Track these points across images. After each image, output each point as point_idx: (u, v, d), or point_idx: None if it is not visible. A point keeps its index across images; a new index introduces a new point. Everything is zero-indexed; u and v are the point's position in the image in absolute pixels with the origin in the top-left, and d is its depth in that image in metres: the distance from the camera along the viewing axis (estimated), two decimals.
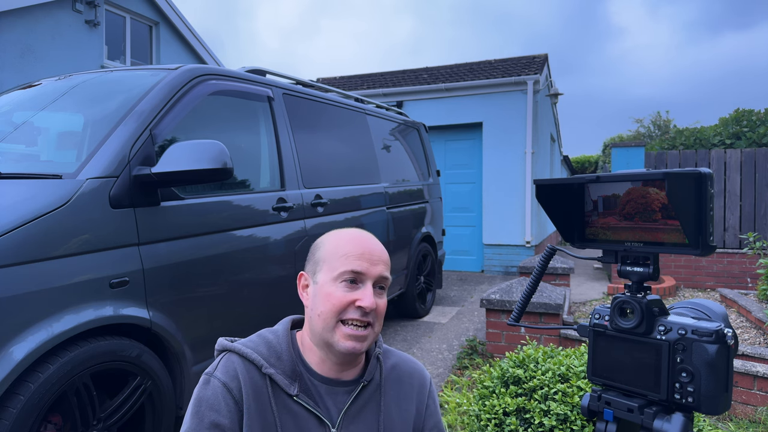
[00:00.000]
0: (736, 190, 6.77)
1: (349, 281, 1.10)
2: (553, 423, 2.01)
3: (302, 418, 1.10)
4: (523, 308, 1.21)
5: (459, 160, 8.63)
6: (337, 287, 1.10)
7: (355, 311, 1.08)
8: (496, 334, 3.82)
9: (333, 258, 1.12)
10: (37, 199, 1.86)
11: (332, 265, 1.12)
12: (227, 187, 2.66)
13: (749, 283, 6.40)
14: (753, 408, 2.90)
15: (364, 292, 1.10)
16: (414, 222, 4.97)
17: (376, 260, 1.12)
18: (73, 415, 1.85)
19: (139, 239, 2.13)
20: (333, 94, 4.29)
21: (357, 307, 1.08)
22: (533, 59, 9.08)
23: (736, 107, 10.36)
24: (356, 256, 1.11)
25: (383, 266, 1.14)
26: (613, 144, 7.43)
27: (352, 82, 10.13)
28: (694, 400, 0.93)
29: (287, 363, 1.13)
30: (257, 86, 3.09)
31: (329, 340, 1.10)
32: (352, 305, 1.08)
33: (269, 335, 1.17)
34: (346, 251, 1.12)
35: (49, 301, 1.79)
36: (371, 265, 1.11)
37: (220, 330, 2.52)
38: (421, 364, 1.31)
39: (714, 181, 0.94)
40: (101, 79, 2.72)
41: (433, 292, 5.59)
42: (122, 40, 9.57)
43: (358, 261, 1.10)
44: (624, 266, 1.06)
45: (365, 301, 1.08)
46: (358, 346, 1.09)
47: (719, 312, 1.05)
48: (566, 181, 1.07)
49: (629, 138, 25.53)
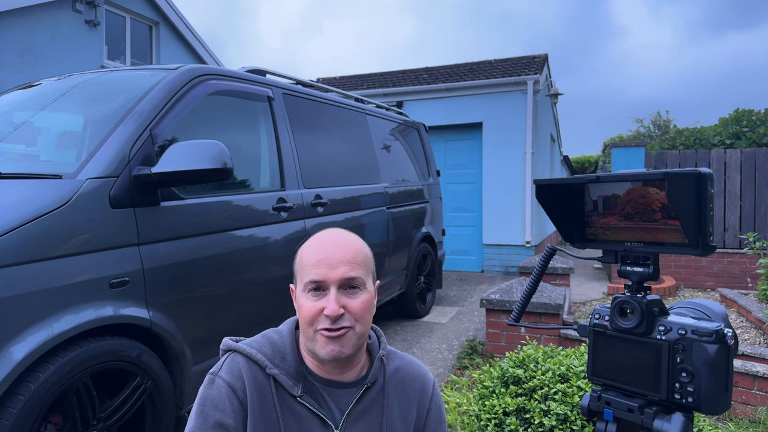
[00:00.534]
0: (736, 190, 6.77)
1: (313, 290, 1.09)
2: (553, 423, 2.01)
3: (305, 419, 1.11)
4: (523, 308, 1.21)
5: (459, 160, 8.63)
6: (306, 298, 1.10)
7: (325, 320, 1.07)
8: (496, 334, 3.82)
9: (300, 270, 1.13)
10: (37, 199, 1.86)
11: (300, 277, 1.13)
12: (227, 187, 2.66)
13: (749, 283, 6.40)
14: (753, 408, 2.90)
15: (327, 299, 1.08)
16: (414, 222, 4.97)
17: (336, 263, 1.10)
18: (73, 415, 1.85)
19: (139, 239, 2.13)
20: (333, 94, 4.29)
21: (325, 315, 1.07)
22: (533, 59, 9.08)
23: (736, 107, 10.36)
24: (314, 264, 1.10)
25: (345, 267, 1.10)
26: (613, 144, 7.43)
27: (352, 82, 10.13)
28: (694, 400, 0.93)
29: (291, 364, 1.13)
30: (257, 86, 3.09)
31: (313, 349, 1.10)
32: (321, 314, 1.08)
33: (274, 336, 1.18)
34: (307, 260, 1.11)
35: (49, 301, 1.79)
36: (330, 270, 1.09)
37: (220, 330, 2.52)
38: (425, 367, 1.30)
39: (714, 181, 0.94)
40: (101, 79, 2.72)
41: (433, 292, 5.59)
42: (122, 40, 9.57)
43: (316, 269, 1.09)
44: (624, 266, 1.06)
45: (328, 308, 1.07)
46: (337, 349, 1.07)
47: (719, 312, 1.05)
48: (566, 181, 1.07)
49: (629, 138, 25.53)
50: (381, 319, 5.18)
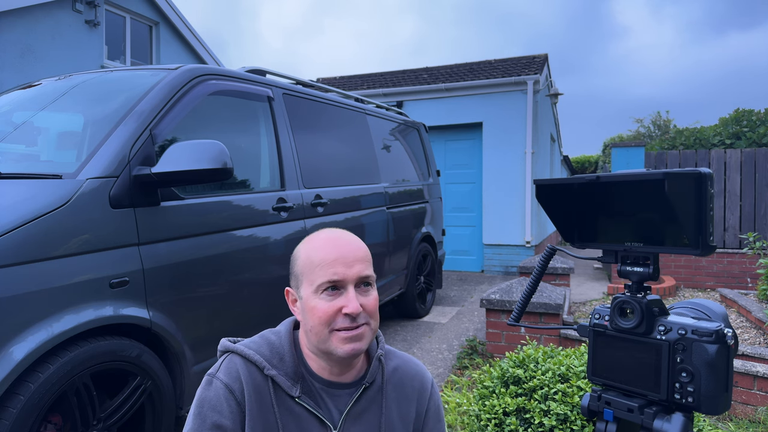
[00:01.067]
0: (736, 190, 6.77)
1: (329, 290, 1.08)
2: (553, 423, 2.01)
3: (304, 419, 1.10)
4: (523, 308, 1.21)
5: (459, 160, 8.63)
6: (319, 300, 1.08)
7: (344, 319, 1.07)
8: (496, 334, 3.82)
9: (309, 271, 1.10)
10: (37, 199, 1.86)
11: (310, 279, 1.10)
12: (227, 187, 2.66)
13: (749, 283, 6.40)
14: (753, 408, 2.90)
15: (347, 297, 1.07)
16: (414, 222, 4.97)
17: (351, 261, 1.09)
18: (73, 415, 1.85)
19: (139, 239, 2.13)
20: (333, 94, 4.29)
21: (344, 314, 1.07)
22: (533, 59, 9.08)
23: (736, 107, 10.36)
24: (330, 263, 1.08)
25: (361, 265, 1.10)
26: (613, 144, 7.43)
27: (352, 82, 10.13)
28: (694, 400, 0.93)
29: (289, 364, 1.13)
30: (257, 86, 3.09)
31: (327, 349, 1.09)
32: (339, 313, 1.07)
33: (272, 336, 1.17)
34: (320, 260, 1.09)
35: (49, 301, 1.79)
36: (347, 269, 1.08)
37: (220, 330, 2.52)
38: (423, 367, 1.30)
39: (714, 181, 0.94)
40: (101, 79, 2.72)
41: (433, 292, 5.59)
42: (122, 40, 9.57)
43: (333, 269, 1.08)
44: (624, 266, 1.06)
45: (349, 307, 1.06)
46: (357, 347, 1.08)
47: (719, 312, 1.05)
48: (566, 181, 1.07)
49: (629, 138, 25.53)
50: (381, 319, 5.18)
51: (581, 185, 1.04)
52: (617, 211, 1.01)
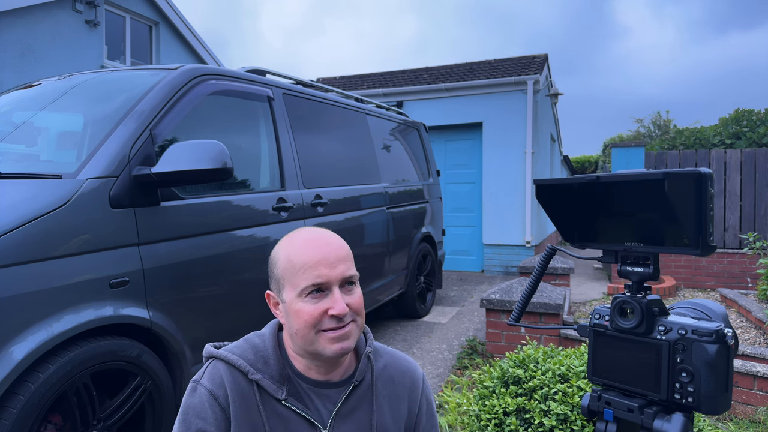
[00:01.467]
0: (736, 190, 6.77)
1: (314, 293, 1.07)
2: (553, 423, 2.01)
3: (292, 421, 1.10)
4: (523, 308, 1.21)
5: (459, 160, 8.63)
6: (304, 303, 1.06)
7: (330, 320, 1.06)
8: (496, 334, 3.82)
9: (290, 274, 1.09)
10: (37, 199, 1.86)
11: (293, 282, 1.08)
12: (227, 187, 2.66)
13: (749, 283, 6.40)
14: (753, 408, 2.90)
15: (332, 299, 1.06)
16: (414, 222, 4.97)
17: (334, 261, 1.08)
18: (73, 415, 1.85)
19: (139, 239, 2.13)
20: (333, 94, 4.29)
21: (330, 316, 1.06)
22: (533, 59, 9.08)
23: (736, 107, 10.36)
24: (312, 266, 1.07)
25: (343, 265, 1.09)
26: (613, 144, 7.43)
27: (352, 82, 10.13)
28: (694, 400, 0.93)
29: (275, 367, 1.12)
30: (257, 86, 3.09)
31: (315, 350, 1.08)
32: (325, 315, 1.06)
33: (256, 339, 1.16)
34: (302, 263, 1.07)
35: (49, 301, 1.79)
36: (331, 270, 1.07)
37: (220, 330, 2.52)
38: (414, 362, 1.29)
39: (714, 181, 0.94)
40: (101, 79, 2.72)
41: (433, 292, 5.59)
42: (122, 40, 9.57)
43: (316, 271, 1.06)
44: (624, 266, 1.06)
45: (336, 308, 1.05)
46: (345, 345, 1.07)
47: (719, 312, 1.05)
48: (566, 181, 1.07)
49: (629, 138, 25.53)
50: (381, 319, 5.18)
51: (581, 185, 1.04)
52: (617, 211, 1.01)
